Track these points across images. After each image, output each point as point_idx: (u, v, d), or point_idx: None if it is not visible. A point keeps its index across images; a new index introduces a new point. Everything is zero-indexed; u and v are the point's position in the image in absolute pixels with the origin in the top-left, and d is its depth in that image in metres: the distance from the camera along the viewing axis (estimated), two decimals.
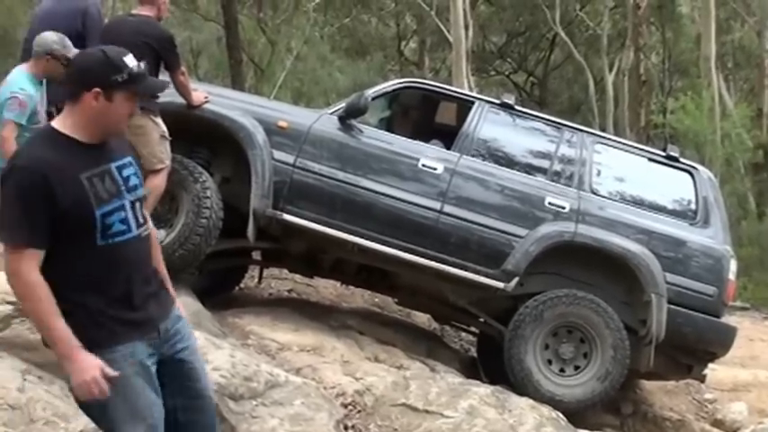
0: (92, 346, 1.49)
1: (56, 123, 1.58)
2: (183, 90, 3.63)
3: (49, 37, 3.02)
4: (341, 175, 3.74)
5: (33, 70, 3.02)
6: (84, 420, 2.05)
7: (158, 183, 3.46)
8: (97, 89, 1.52)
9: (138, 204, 1.64)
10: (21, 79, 2.96)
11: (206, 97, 3.72)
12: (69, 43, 3.11)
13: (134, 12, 3.69)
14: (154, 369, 1.58)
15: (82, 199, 1.52)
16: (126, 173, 1.61)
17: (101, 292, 1.53)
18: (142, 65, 1.59)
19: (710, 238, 3.86)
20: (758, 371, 5.04)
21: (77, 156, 1.53)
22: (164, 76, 3.57)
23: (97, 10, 3.62)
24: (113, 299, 1.55)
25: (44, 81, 3.13)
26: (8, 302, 2.21)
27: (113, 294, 1.55)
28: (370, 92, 3.92)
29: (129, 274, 1.58)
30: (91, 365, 1.46)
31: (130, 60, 1.56)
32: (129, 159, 1.64)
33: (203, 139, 3.81)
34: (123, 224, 1.58)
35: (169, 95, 3.60)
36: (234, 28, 10.13)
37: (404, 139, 3.93)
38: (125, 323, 1.55)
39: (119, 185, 1.58)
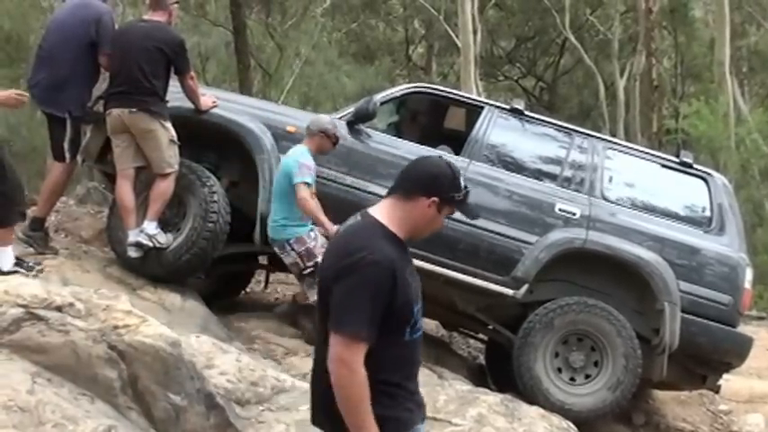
0: (397, 427, 1.59)
1: (380, 217, 1.61)
2: (191, 95, 3.68)
3: (324, 119, 3.62)
4: (349, 179, 3.76)
5: (309, 146, 3.51)
6: (91, 424, 2.08)
7: (167, 187, 3.51)
8: (436, 199, 1.60)
9: None
10: (302, 151, 3.47)
11: (214, 102, 3.77)
12: (340, 123, 3.63)
13: (145, 17, 3.76)
14: None
15: (409, 295, 1.58)
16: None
17: (404, 381, 1.62)
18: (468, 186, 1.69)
19: (725, 245, 3.84)
20: None
21: (402, 252, 1.61)
22: (173, 81, 3.64)
23: (110, 18, 3.69)
24: (410, 385, 1.65)
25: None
26: (19, 305, 2.24)
27: (411, 382, 1.65)
28: (379, 97, 3.95)
29: (419, 363, 1.69)
30: None
31: (463, 180, 1.66)
32: None
33: (211, 143, 3.85)
34: (421, 319, 1.65)
35: (178, 100, 3.67)
36: (242, 33, 10.23)
37: (412, 144, 3.95)
38: (418, 406, 1.65)
39: (417, 280, 1.64)
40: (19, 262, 3.20)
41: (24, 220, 3.41)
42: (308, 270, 3.46)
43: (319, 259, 3.35)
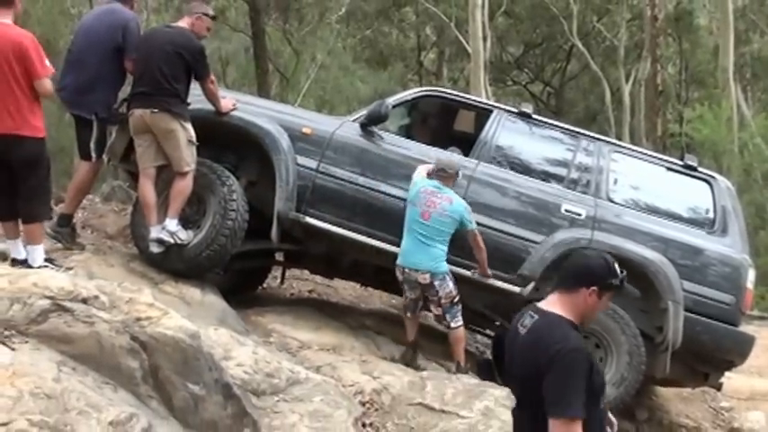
0: None
1: (557, 310, 1.82)
2: (212, 98, 3.70)
3: (456, 158, 3.72)
4: (361, 180, 3.75)
5: (450, 185, 3.63)
6: (114, 411, 2.09)
7: (185, 185, 3.52)
8: (595, 288, 1.80)
9: None
10: (454, 193, 3.59)
11: (234, 104, 3.78)
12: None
13: (171, 24, 3.78)
14: None
15: (601, 372, 1.82)
16: None
17: None
18: (625, 273, 1.85)
19: (728, 246, 3.78)
20: None
21: (582, 336, 1.85)
22: (195, 84, 3.65)
23: (136, 25, 3.71)
24: None
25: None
26: (47, 297, 2.26)
27: None
28: (391, 100, 3.94)
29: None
30: None
31: (618, 267, 1.83)
32: None
33: (231, 144, 3.86)
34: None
35: (199, 103, 3.68)
36: (261, 38, 10.27)
37: (422, 145, 3.93)
38: None
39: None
40: (49, 259, 3.22)
41: (51, 217, 3.44)
42: (458, 298, 3.57)
43: None
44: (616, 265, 1.82)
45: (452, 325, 3.58)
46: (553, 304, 1.83)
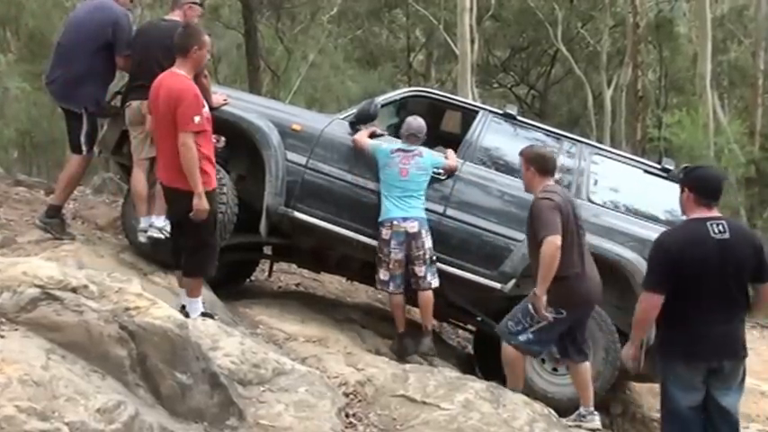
0: None
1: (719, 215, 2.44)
2: (204, 92, 3.64)
3: (422, 123, 3.68)
4: (349, 176, 3.76)
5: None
6: (102, 399, 2.08)
7: None
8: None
9: None
10: None
11: (225, 100, 3.76)
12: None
13: (165, 17, 3.75)
14: None
15: None
16: None
17: None
18: None
19: None
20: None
21: None
22: None
23: (127, 21, 3.67)
24: None
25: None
26: (36, 286, 2.24)
27: None
28: (380, 99, 3.95)
29: None
30: None
31: None
32: None
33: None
34: None
35: None
36: (253, 36, 10.20)
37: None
38: None
39: None
40: (206, 314, 3.14)
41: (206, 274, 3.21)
42: (435, 257, 3.65)
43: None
44: None
45: (433, 283, 3.60)
46: (715, 212, 2.44)
